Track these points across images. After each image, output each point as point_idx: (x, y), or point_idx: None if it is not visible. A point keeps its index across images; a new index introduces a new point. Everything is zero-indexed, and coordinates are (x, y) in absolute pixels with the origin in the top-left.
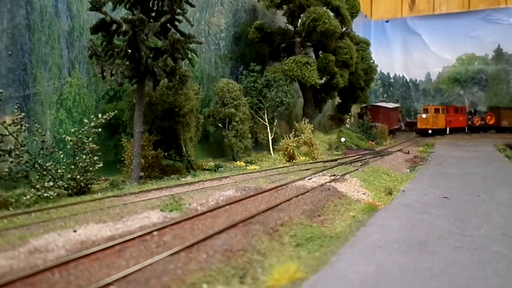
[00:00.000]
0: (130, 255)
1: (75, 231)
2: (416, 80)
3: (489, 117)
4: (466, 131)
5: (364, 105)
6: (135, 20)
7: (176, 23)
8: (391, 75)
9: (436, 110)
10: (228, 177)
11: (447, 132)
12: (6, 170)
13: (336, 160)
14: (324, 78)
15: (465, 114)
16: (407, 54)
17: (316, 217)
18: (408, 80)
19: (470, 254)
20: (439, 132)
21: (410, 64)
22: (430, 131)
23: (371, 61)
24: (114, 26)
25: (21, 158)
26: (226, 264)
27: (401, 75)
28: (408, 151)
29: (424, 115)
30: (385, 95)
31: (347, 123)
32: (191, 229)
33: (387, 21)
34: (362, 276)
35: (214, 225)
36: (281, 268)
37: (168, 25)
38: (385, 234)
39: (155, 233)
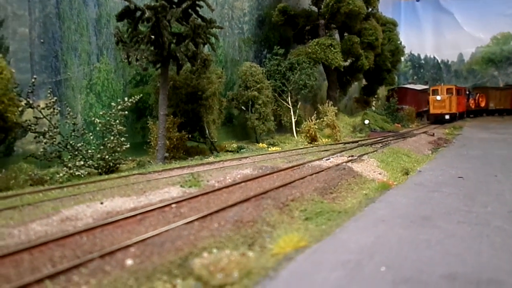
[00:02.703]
0: (150, 223)
1: (102, 203)
2: (447, 61)
3: (480, 99)
4: (465, 116)
5: (391, 87)
6: (158, 7)
7: (197, 8)
8: (422, 56)
9: (449, 91)
10: (248, 157)
11: (457, 118)
12: (41, 150)
13: (357, 141)
14: (348, 60)
15: (465, 96)
16: (439, 34)
17: (328, 194)
18: (439, 61)
19: (471, 228)
20: (452, 118)
21: (441, 45)
22: (447, 117)
23: (399, 42)
24: (138, 13)
25: (54, 139)
26: (236, 233)
27: (432, 56)
28: (433, 133)
29: (438, 97)
30: (415, 77)
31: (373, 106)
32: (206, 203)
33: (417, 0)
34: (361, 245)
35: (228, 200)
36: (286, 238)
37: (190, 10)
38: (392, 210)
39: (173, 205)
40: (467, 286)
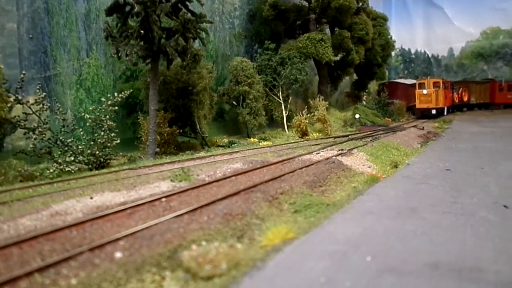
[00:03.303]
0: (139, 217)
1: (91, 198)
2: (438, 55)
3: (463, 93)
4: (451, 110)
5: (382, 81)
6: (147, 1)
7: (187, 3)
8: (412, 51)
9: (436, 85)
10: (238, 152)
11: (445, 112)
12: (31, 146)
13: (347, 135)
14: (339, 55)
15: (451, 91)
16: (429, 29)
17: (317, 188)
18: (429, 55)
19: (456, 218)
20: (439, 113)
21: (432, 39)
22: (434, 111)
23: (389, 36)
24: (128, 8)
25: (44, 135)
26: (225, 225)
27: (422, 51)
28: (423, 127)
29: (425, 91)
30: (405, 72)
31: (364, 100)
32: (196, 196)
33: None
34: (348, 236)
35: (218, 193)
36: (275, 230)
37: (179, 5)
38: (379, 202)
39: (163, 199)
40: (449, 274)
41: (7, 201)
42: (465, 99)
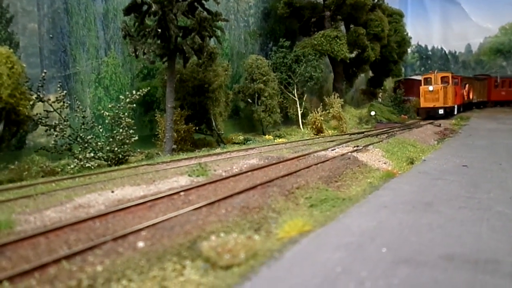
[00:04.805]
0: (159, 209)
1: (113, 191)
2: (455, 52)
3: (469, 90)
4: (461, 109)
5: (397, 78)
6: (164, 0)
7: (203, 1)
8: (429, 48)
9: (444, 80)
10: (254, 148)
11: (455, 112)
12: (52, 143)
13: (363, 132)
14: (354, 52)
15: (461, 86)
16: (446, 25)
17: (333, 183)
18: (447, 52)
19: (472, 213)
20: (448, 113)
21: (449, 36)
22: (441, 111)
23: (405, 33)
24: (145, 7)
25: (64, 132)
26: (243, 218)
27: (439, 47)
28: (440, 124)
29: (431, 87)
30: (422, 68)
31: (380, 97)
32: (214, 191)
33: None
34: (363, 229)
35: (235, 188)
36: (291, 223)
37: (196, 4)
38: (395, 196)
39: (182, 193)
40: (464, 265)
41: (32, 194)
42: (471, 96)
